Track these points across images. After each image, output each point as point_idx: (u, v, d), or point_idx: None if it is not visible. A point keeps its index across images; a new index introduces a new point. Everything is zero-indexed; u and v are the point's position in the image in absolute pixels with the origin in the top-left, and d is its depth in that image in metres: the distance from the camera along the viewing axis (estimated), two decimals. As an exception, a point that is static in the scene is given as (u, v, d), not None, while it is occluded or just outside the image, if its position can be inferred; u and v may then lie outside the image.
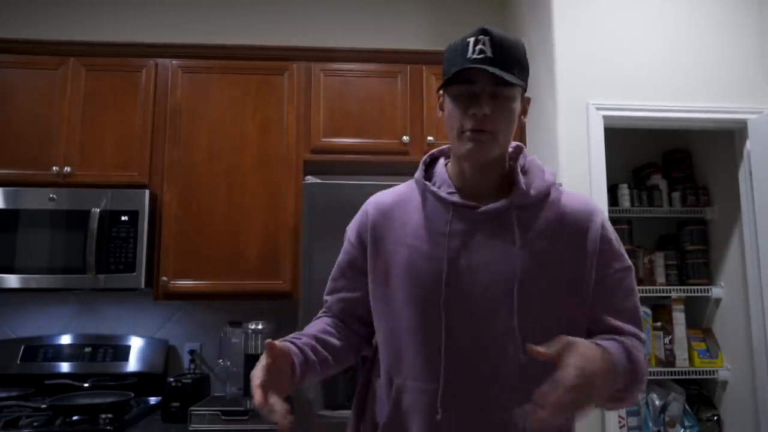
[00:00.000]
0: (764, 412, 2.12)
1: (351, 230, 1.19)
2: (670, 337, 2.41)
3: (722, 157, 2.47)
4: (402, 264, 1.07)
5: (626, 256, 1.10)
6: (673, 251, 2.57)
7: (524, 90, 1.06)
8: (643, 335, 1.08)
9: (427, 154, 1.18)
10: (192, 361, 2.48)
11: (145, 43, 2.43)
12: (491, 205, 1.05)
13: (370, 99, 2.46)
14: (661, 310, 2.49)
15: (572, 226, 1.06)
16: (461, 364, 1.02)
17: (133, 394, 2.17)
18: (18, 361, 2.38)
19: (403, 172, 2.10)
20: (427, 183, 1.11)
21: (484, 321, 1.01)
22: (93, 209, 2.20)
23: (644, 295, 2.42)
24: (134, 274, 2.20)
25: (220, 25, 2.84)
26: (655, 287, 2.46)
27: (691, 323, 2.51)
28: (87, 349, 2.44)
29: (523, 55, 1.04)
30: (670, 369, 2.37)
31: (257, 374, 0.90)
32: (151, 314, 2.59)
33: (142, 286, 2.22)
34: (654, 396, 2.39)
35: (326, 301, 1.22)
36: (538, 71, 2.39)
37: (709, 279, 2.51)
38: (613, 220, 2.36)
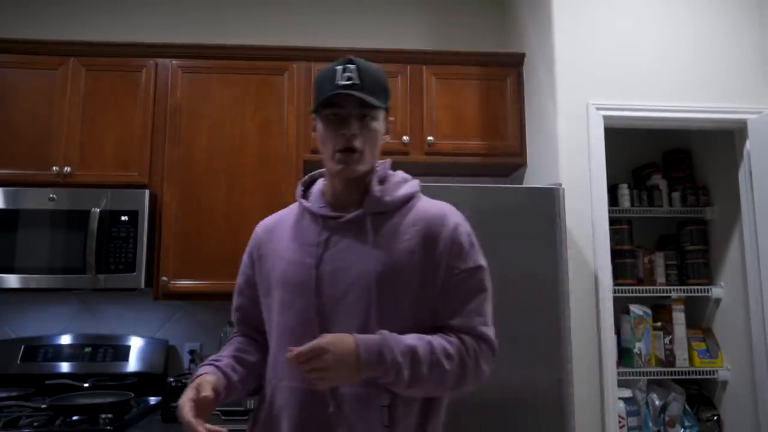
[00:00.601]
0: (764, 412, 2.12)
1: (246, 252, 1.31)
2: (670, 337, 2.41)
3: (722, 157, 2.47)
4: (279, 274, 1.17)
5: (478, 257, 1.17)
6: (673, 251, 2.56)
7: (387, 112, 1.19)
8: (483, 331, 1.13)
9: (307, 176, 1.30)
10: (192, 361, 2.48)
11: (145, 43, 2.43)
12: (351, 214, 1.15)
13: (370, 99, 2.45)
14: (661, 310, 2.49)
15: (426, 231, 1.14)
16: None
17: (133, 394, 2.17)
18: (18, 361, 2.38)
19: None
20: (303, 200, 1.22)
21: (347, 321, 1.09)
22: (93, 209, 2.20)
23: (644, 295, 2.43)
24: (134, 274, 2.21)
25: (220, 25, 2.84)
26: (655, 287, 2.46)
27: (691, 323, 2.51)
28: (87, 349, 2.44)
29: (385, 81, 1.19)
30: (670, 369, 2.37)
31: (187, 409, 1.00)
32: (151, 314, 2.59)
33: (142, 286, 2.22)
34: (654, 396, 2.39)
35: (232, 321, 1.33)
36: (538, 72, 2.39)
37: (709, 279, 2.51)
38: (613, 220, 2.37)
